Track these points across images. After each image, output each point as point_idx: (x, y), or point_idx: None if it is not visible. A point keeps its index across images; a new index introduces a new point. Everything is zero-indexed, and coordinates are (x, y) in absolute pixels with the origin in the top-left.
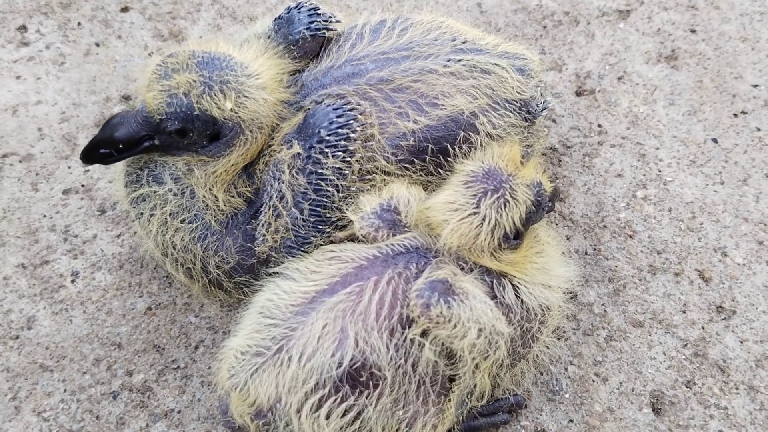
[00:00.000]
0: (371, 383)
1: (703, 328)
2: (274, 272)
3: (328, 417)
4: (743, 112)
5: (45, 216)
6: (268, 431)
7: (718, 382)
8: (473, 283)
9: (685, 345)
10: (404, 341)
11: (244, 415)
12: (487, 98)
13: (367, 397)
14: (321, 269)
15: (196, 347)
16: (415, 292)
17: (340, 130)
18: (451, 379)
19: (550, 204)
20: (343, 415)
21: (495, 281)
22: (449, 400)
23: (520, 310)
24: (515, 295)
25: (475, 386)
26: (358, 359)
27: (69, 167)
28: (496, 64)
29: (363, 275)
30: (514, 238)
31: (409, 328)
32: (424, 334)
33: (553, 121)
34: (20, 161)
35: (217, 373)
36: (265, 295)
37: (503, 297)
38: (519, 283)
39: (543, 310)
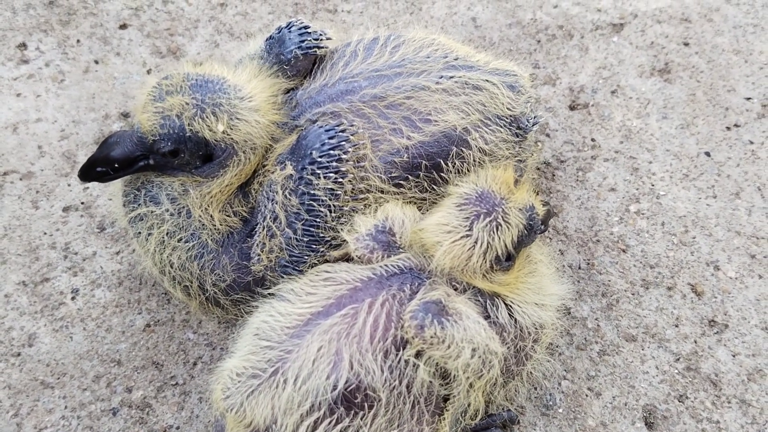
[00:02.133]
0: (366, 405)
1: (695, 342)
2: (269, 293)
3: None
4: (736, 125)
5: (45, 233)
6: None
7: (710, 396)
8: (467, 304)
9: (678, 359)
10: (399, 363)
11: None
12: (478, 114)
13: (362, 419)
14: (316, 291)
15: (195, 364)
16: (409, 314)
17: (331, 152)
18: (445, 399)
19: (542, 227)
20: None
21: (488, 301)
22: (443, 419)
23: (514, 330)
24: (509, 314)
25: (469, 405)
26: (353, 381)
27: (69, 185)
28: (487, 80)
29: (358, 297)
30: (506, 260)
31: (404, 349)
32: (418, 355)
33: (547, 135)
34: (20, 179)
35: (211, 393)
36: (260, 317)
37: (497, 317)
38: (512, 302)
39: (536, 329)
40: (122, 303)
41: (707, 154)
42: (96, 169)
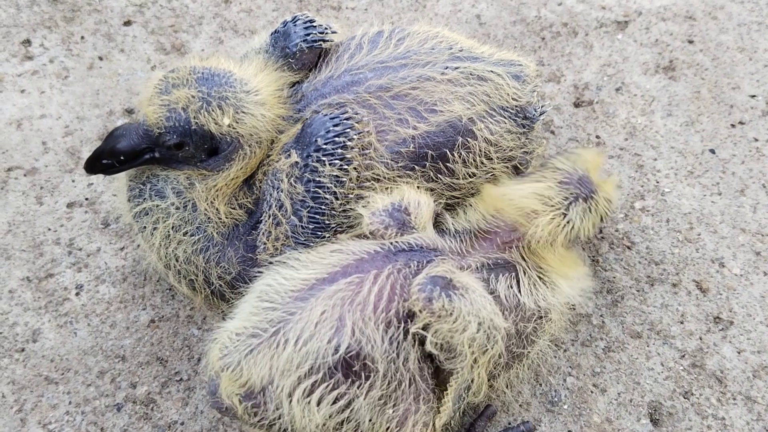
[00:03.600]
0: (363, 374)
1: (700, 338)
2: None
3: (318, 403)
4: (741, 123)
5: (49, 229)
6: (256, 413)
7: (715, 392)
8: (472, 279)
9: (683, 356)
10: (398, 336)
11: (233, 396)
12: (484, 105)
13: (358, 388)
14: (322, 259)
15: (199, 359)
16: (417, 287)
17: (336, 139)
18: (449, 374)
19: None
20: (334, 402)
21: (492, 277)
22: (446, 394)
23: (517, 308)
24: (514, 290)
25: (472, 381)
26: (354, 348)
27: (73, 181)
28: (491, 71)
29: (364, 267)
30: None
31: (405, 323)
32: (425, 328)
33: (552, 132)
34: (25, 175)
35: (208, 353)
36: (264, 281)
37: (500, 293)
38: (522, 276)
39: (541, 310)
40: (126, 299)
41: (712, 151)
42: (102, 162)
